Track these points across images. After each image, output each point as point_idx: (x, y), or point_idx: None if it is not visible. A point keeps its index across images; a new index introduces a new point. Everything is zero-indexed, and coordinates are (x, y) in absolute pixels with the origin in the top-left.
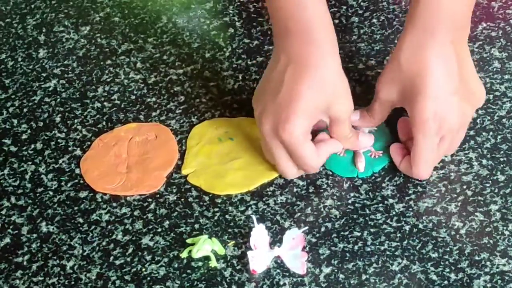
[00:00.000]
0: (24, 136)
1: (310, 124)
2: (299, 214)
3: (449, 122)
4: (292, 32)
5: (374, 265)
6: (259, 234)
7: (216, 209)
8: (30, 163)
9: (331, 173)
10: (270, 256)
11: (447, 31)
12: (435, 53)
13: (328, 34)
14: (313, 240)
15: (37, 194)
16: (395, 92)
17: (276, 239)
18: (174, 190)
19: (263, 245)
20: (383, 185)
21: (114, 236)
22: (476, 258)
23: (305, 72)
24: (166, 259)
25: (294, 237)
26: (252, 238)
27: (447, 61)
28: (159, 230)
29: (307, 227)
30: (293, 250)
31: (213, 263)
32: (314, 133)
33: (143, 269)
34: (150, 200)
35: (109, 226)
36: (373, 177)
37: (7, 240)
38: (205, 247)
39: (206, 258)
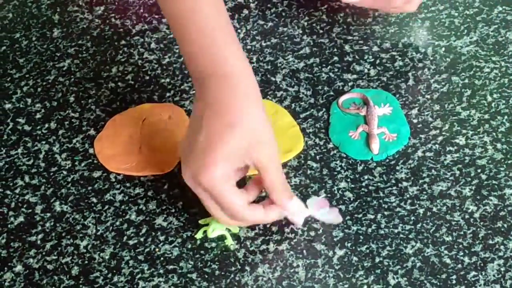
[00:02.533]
0: (38, 116)
1: (231, 169)
2: (313, 196)
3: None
4: (212, 77)
5: (388, 248)
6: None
7: None
8: (44, 142)
9: (345, 155)
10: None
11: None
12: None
13: (247, 76)
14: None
15: (51, 174)
16: None
17: (289, 221)
18: None
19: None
20: (397, 168)
21: (127, 216)
22: (490, 242)
23: (222, 117)
24: (179, 240)
25: (316, 202)
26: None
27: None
28: (173, 210)
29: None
30: (323, 210)
31: (228, 241)
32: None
33: (157, 250)
34: (163, 180)
35: (122, 206)
36: (387, 160)
37: (21, 219)
38: (219, 226)
39: (220, 239)
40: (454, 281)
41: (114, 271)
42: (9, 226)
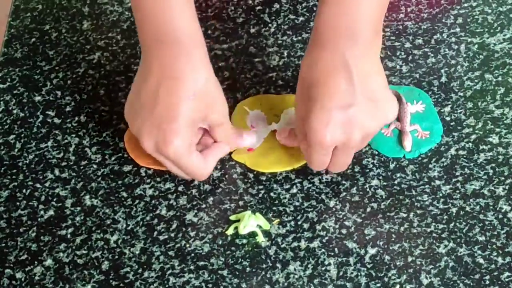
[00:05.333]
0: (68, 108)
1: (192, 136)
2: (344, 193)
3: (345, 136)
4: (162, 45)
5: (420, 247)
6: (256, 115)
7: (260, 187)
8: (74, 135)
9: (377, 153)
10: (266, 132)
11: (347, 46)
12: (332, 66)
13: (197, 42)
14: (359, 220)
15: (81, 167)
16: (302, 108)
17: (321, 218)
18: (218, 166)
19: (261, 124)
20: (430, 166)
21: (158, 211)
22: None
23: (178, 85)
24: (210, 236)
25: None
26: (248, 119)
27: (344, 73)
28: (203, 206)
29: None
30: (290, 127)
31: (259, 238)
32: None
33: (187, 245)
34: None
35: (153, 201)
36: (420, 158)
37: (51, 212)
38: (250, 222)
39: (251, 236)
40: (487, 282)
41: (145, 266)
42: (39, 219)
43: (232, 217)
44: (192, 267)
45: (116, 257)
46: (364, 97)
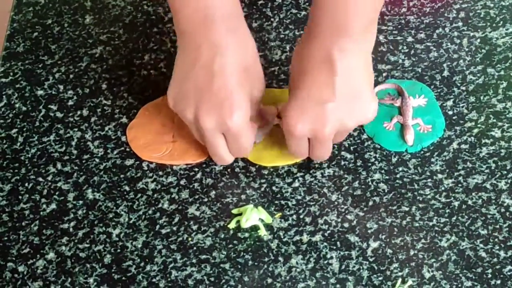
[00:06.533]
0: (70, 103)
1: (249, 109)
2: (346, 187)
3: (316, 129)
4: (204, 25)
5: (423, 240)
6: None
7: (262, 180)
8: (76, 129)
9: (379, 147)
10: (269, 126)
11: (330, 37)
12: (318, 59)
13: (240, 18)
14: (361, 214)
15: (83, 161)
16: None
17: (323, 212)
18: None
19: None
20: (432, 160)
21: (160, 205)
22: None
23: (231, 61)
24: (212, 229)
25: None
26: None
27: (327, 69)
28: (206, 200)
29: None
30: None
31: (261, 231)
32: None
33: (189, 239)
34: (196, 169)
35: (155, 195)
36: (422, 152)
37: (53, 206)
38: (253, 216)
39: (253, 229)
40: (489, 275)
41: (147, 260)
42: (41, 213)
43: (234, 211)
44: (194, 261)
45: (118, 250)
46: (344, 94)
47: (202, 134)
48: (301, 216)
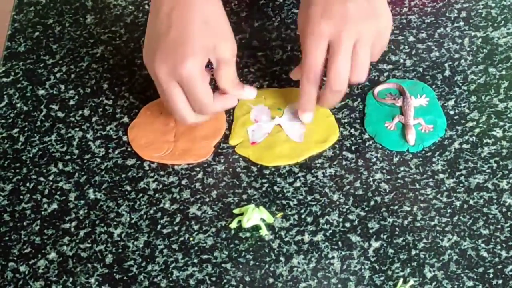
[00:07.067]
0: (71, 102)
1: (204, 62)
2: (348, 187)
3: (335, 26)
4: None
5: (424, 240)
6: (260, 109)
7: (264, 180)
8: (77, 129)
9: (380, 146)
10: (270, 125)
11: None
12: None
13: None
14: (362, 213)
15: (85, 161)
16: (301, 16)
17: (324, 212)
18: (222, 160)
19: (264, 117)
20: (434, 159)
21: (161, 205)
22: None
23: (190, 11)
24: (213, 229)
25: (294, 112)
26: (252, 113)
27: None
28: (207, 199)
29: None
30: (293, 121)
31: (263, 231)
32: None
33: (191, 239)
34: (197, 169)
35: (156, 195)
36: (424, 152)
37: (55, 206)
38: (254, 216)
39: (254, 229)
40: (491, 275)
41: (148, 259)
42: (42, 213)
43: (236, 211)
44: (195, 261)
45: (120, 250)
46: (366, 3)
47: (159, 86)
48: (303, 216)
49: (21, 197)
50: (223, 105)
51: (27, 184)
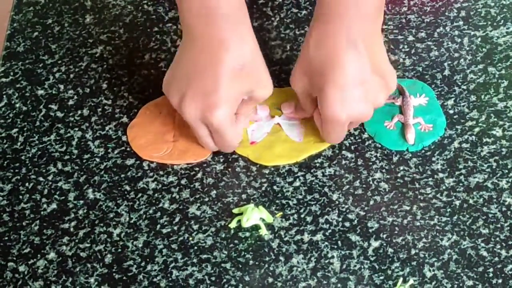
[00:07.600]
0: (70, 102)
1: (236, 107)
2: (347, 186)
3: (357, 111)
4: (207, 19)
5: (424, 239)
6: (259, 109)
7: (263, 180)
8: (76, 129)
9: (380, 146)
10: (270, 125)
11: (354, 20)
12: (342, 42)
13: (242, 16)
14: (362, 213)
15: (84, 161)
16: (307, 83)
17: (324, 211)
18: (221, 160)
19: (263, 117)
20: (433, 159)
21: (161, 205)
22: None
23: (224, 55)
24: (213, 229)
25: (293, 111)
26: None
27: (354, 50)
28: (206, 199)
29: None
30: (291, 120)
31: (262, 231)
32: None
33: (190, 238)
34: (197, 169)
35: (156, 194)
36: (423, 151)
37: (54, 206)
38: (253, 215)
39: (254, 229)
40: (491, 274)
41: (148, 259)
42: (42, 213)
43: (235, 210)
44: (195, 260)
45: (119, 250)
46: (374, 72)
47: (185, 119)
48: (302, 216)
49: (20, 197)
50: (242, 131)
51: (26, 184)
